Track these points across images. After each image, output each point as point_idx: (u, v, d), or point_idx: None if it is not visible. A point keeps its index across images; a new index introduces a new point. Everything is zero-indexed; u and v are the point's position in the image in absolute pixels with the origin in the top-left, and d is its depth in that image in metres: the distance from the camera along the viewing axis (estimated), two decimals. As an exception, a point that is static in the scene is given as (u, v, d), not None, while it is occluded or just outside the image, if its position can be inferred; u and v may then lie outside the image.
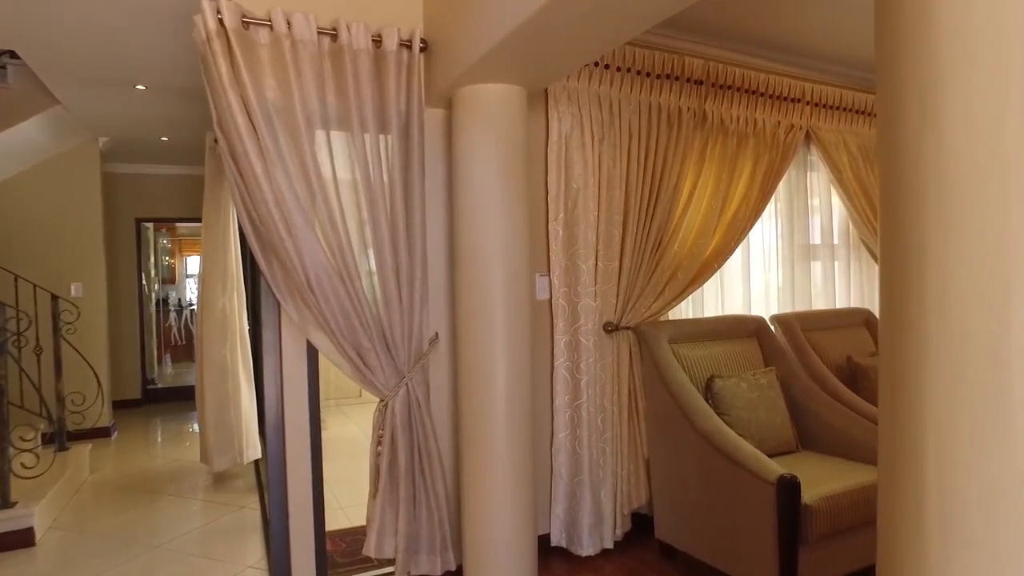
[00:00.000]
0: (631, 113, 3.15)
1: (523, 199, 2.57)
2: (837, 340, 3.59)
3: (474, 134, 2.51)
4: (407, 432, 2.55)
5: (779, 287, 3.85)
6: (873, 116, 4.02)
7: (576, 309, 3.06)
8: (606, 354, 3.11)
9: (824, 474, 2.64)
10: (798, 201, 3.91)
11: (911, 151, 1.01)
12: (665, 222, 3.24)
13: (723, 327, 3.30)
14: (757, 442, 2.84)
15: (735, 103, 3.47)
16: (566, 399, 3.05)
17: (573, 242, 3.04)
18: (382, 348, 2.51)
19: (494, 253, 2.51)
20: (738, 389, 2.93)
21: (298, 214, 2.35)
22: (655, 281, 3.21)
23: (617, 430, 3.12)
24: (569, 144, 3.01)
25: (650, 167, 3.18)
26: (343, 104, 2.47)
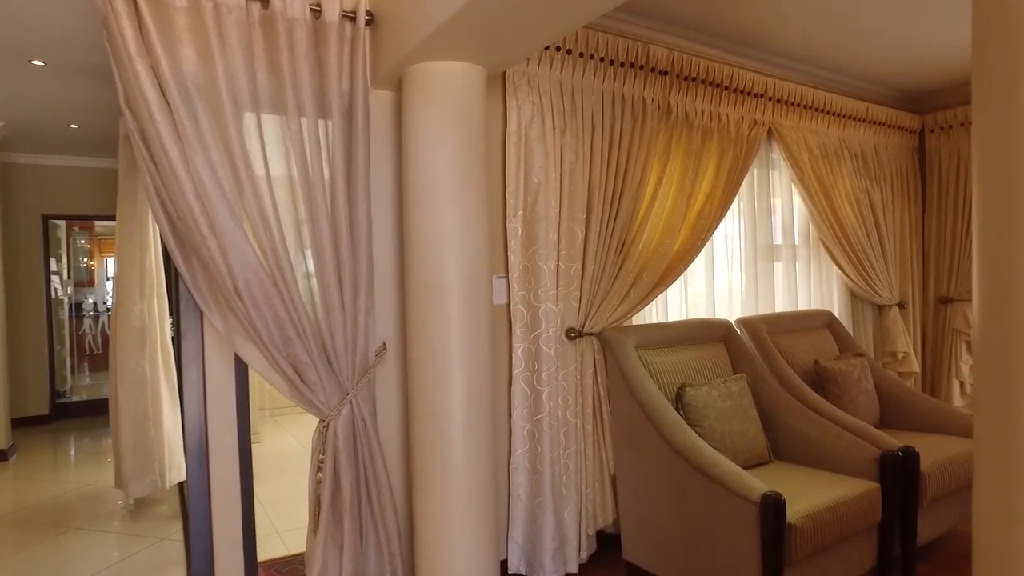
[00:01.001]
0: (594, 103, 2.93)
1: (482, 192, 2.31)
2: (803, 343, 3.47)
3: (427, 118, 2.23)
4: (352, 456, 2.25)
5: (743, 289, 3.72)
6: (833, 115, 3.95)
7: (536, 314, 2.82)
8: (568, 362, 2.89)
9: (802, 488, 2.48)
10: (760, 200, 3.79)
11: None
12: (630, 220, 3.04)
13: (691, 332, 3.12)
14: (731, 455, 2.67)
15: (700, 96, 3.31)
16: (525, 412, 2.80)
17: (533, 241, 2.81)
18: (322, 361, 2.20)
19: (450, 253, 2.24)
20: (710, 398, 2.75)
21: (223, 208, 2.02)
22: (620, 283, 3.00)
23: (581, 445, 2.90)
24: (529, 134, 2.77)
25: (614, 161, 2.98)
26: (276, 82, 2.15)
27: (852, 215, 4.03)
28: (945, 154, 4.52)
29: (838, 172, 3.99)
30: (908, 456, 2.60)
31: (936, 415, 3.25)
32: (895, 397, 3.40)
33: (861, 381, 3.28)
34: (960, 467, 2.91)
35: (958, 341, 4.43)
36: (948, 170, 4.52)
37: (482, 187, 2.32)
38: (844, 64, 3.90)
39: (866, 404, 3.25)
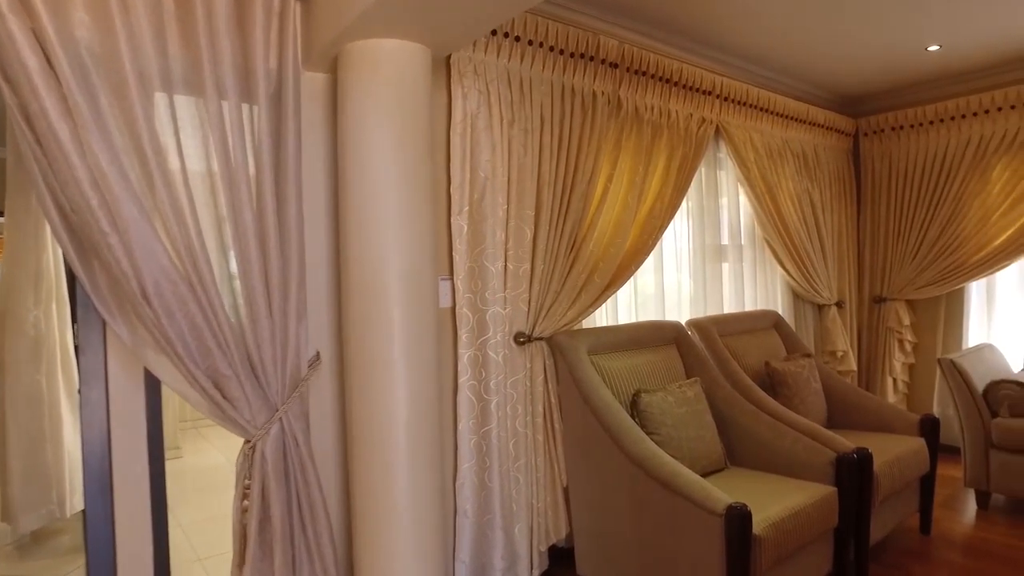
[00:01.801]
0: (543, 95, 2.78)
1: (426, 187, 2.12)
2: (752, 345, 3.43)
3: (366, 103, 2.02)
4: (282, 480, 2.01)
5: (691, 290, 3.65)
6: (777, 115, 3.95)
7: (483, 318, 2.64)
8: (517, 369, 2.72)
9: (762, 495, 2.40)
10: (708, 200, 3.74)
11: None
12: (580, 218, 2.90)
13: (643, 335, 3.01)
14: (688, 462, 2.57)
15: (650, 91, 3.21)
16: (471, 424, 2.62)
17: (480, 240, 2.63)
18: (247, 375, 1.95)
19: (392, 252, 2.03)
20: (666, 404, 2.64)
21: (128, 201, 1.74)
22: (570, 285, 2.86)
23: (531, 456, 2.74)
24: (475, 125, 2.58)
25: (563, 156, 2.83)
26: (192, 58, 1.89)
27: (795, 215, 4.05)
28: (878, 157, 4.62)
29: (782, 172, 3.99)
30: (863, 458, 2.57)
31: (881, 414, 3.26)
32: (842, 397, 3.40)
33: (810, 382, 3.26)
34: (907, 465, 2.91)
35: (891, 339, 4.53)
36: (881, 173, 4.62)
37: (426, 181, 2.12)
38: (786, 65, 3.90)
39: (815, 405, 3.23)
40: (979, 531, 3.24)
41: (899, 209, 4.51)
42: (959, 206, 4.22)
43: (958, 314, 4.39)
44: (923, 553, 3.01)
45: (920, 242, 4.40)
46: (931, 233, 4.33)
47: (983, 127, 4.15)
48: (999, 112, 4.08)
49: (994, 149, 4.11)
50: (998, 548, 3.05)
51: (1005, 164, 4.09)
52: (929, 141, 4.37)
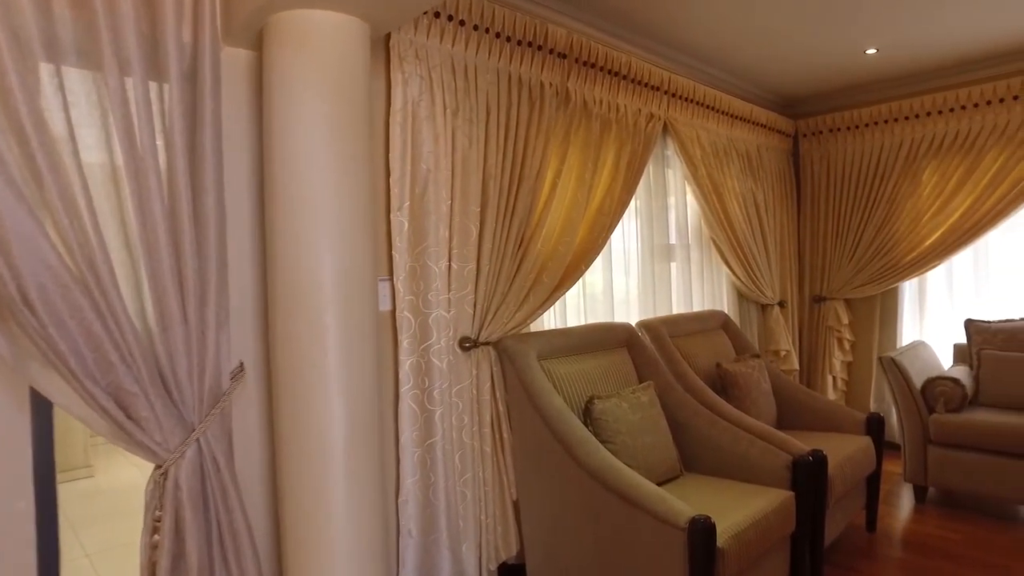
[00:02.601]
0: (489, 83, 2.62)
1: (364, 178, 1.91)
2: (702, 346, 3.37)
3: (297, 84, 1.80)
4: (200, 510, 1.76)
5: (639, 290, 3.56)
6: (722, 114, 3.92)
7: (426, 322, 2.45)
8: (463, 377, 2.54)
9: (721, 503, 2.31)
10: (656, 199, 3.66)
11: None
12: (528, 215, 2.75)
13: (593, 337, 2.89)
14: (645, 471, 2.45)
15: (598, 84, 3.10)
16: (414, 436, 2.42)
17: (422, 238, 2.43)
18: (157, 391, 1.69)
19: (326, 250, 1.82)
20: (620, 411, 2.52)
21: (3, 189, 1.47)
22: (518, 286, 2.70)
23: (479, 469, 2.56)
24: (417, 114, 2.39)
25: (510, 149, 2.68)
26: (85, 24, 1.63)
27: (741, 215, 4.03)
28: (817, 158, 4.69)
29: (727, 171, 3.96)
30: (818, 460, 2.52)
31: (829, 413, 3.25)
32: (790, 397, 3.38)
33: (760, 383, 3.22)
34: (857, 465, 2.90)
35: (831, 338, 4.59)
36: (819, 174, 4.68)
37: (364, 172, 1.92)
38: (731, 63, 3.87)
39: (765, 406, 3.19)
40: (919, 525, 3.28)
41: (837, 210, 4.58)
42: (893, 208, 4.31)
43: (893, 312, 4.49)
44: (871, 551, 3.00)
45: (857, 242, 4.48)
46: (867, 234, 4.41)
47: (914, 131, 4.25)
48: (928, 117, 4.19)
49: (923, 152, 4.22)
50: (938, 542, 3.09)
51: (934, 168, 4.20)
52: (864, 143, 4.45)
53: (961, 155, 4.08)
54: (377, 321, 1.98)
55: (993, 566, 2.85)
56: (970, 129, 4.06)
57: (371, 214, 1.94)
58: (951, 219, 4.09)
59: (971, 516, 3.39)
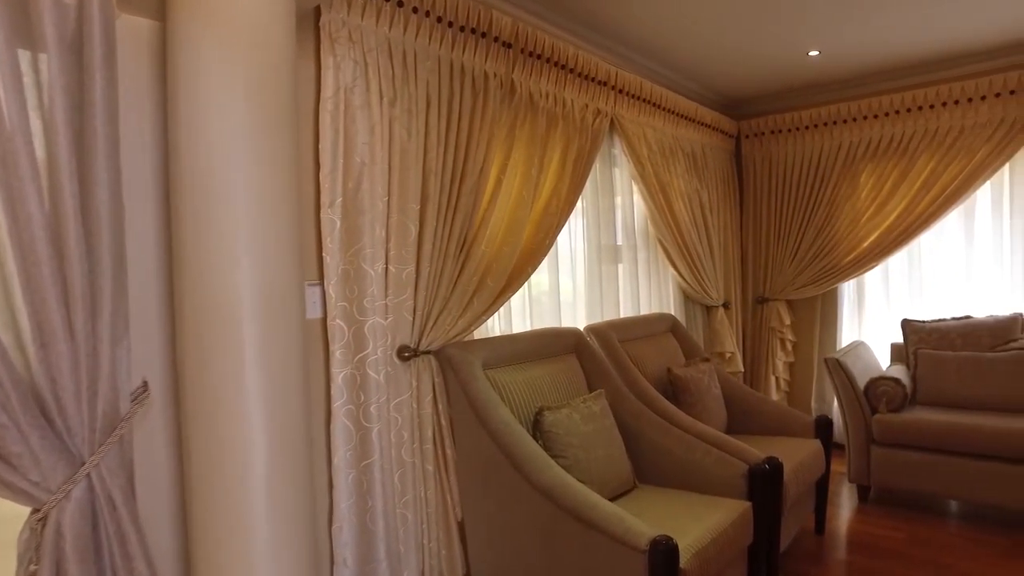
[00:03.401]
0: (429, 71, 2.42)
1: (289, 170, 1.69)
2: (652, 350, 3.26)
3: (208, 59, 1.55)
4: (90, 558, 1.49)
5: (587, 292, 3.43)
6: (668, 112, 3.84)
7: (361, 331, 2.23)
8: (402, 389, 2.34)
9: (679, 518, 2.19)
10: (604, 198, 3.54)
11: None
12: (471, 213, 2.57)
13: (542, 344, 2.73)
14: (599, 486, 2.31)
15: (544, 76, 2.94)
16: (349, 456, 2.20)
17: (356, 238, 2.21)
18: (33, 420, 1.42)
19: (244, 252, 1.58)
20: (571, 422, 2.36)
21: None
22: (461, 289, 2.52)
23: (420, 489, 2.36)
24: (350, 101, 2.17)
25: (452, 143, 2.49)
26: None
27: (687, 215, 3.96)
28: (759, 159, 4.69)
29: (674, 171, 3.89)
30: (774, 468, 2.44)
31: (778, 417, 3.20)
32: (740, 401, 3.32)
33: (711, 387, 3.14)
34: (809, 469, 2.85)
35: (774, 339, 4.60)
36: (761, 175, 4.69)
37: (290, 165, 1.69)
38: (677, 61, 3.80)
39: (716, 411, 3.11)
40: (865, 526, 3.28)
41: (779, 211, 4.59)
42: (832, 210, 4.35)
43: (832, 313, 4.54)
44: (822, 555, 2.96)
45: (798, 244, 4.50)
46: (808, 235, 4.44)
47: (852, 134, 4.30)
48: (865, 120, 4.25)
49: (861, 155, 4.27)
50: (885, 542, 3.08)
51: (871, 170, 4.26)
52: (805, 145, 4.48)
53: (896, 159, 4.15)
54: (305, 330, 1.76)
55: (940, 565, 2.85)
56: (903, 133, 4.13)
57: (297, 211, 1.72)
58: (888, 221, 4.15)
59: (912, 514, 3.41)
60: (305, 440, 1.72)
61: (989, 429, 3.16)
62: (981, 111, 3.89)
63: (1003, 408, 3.43)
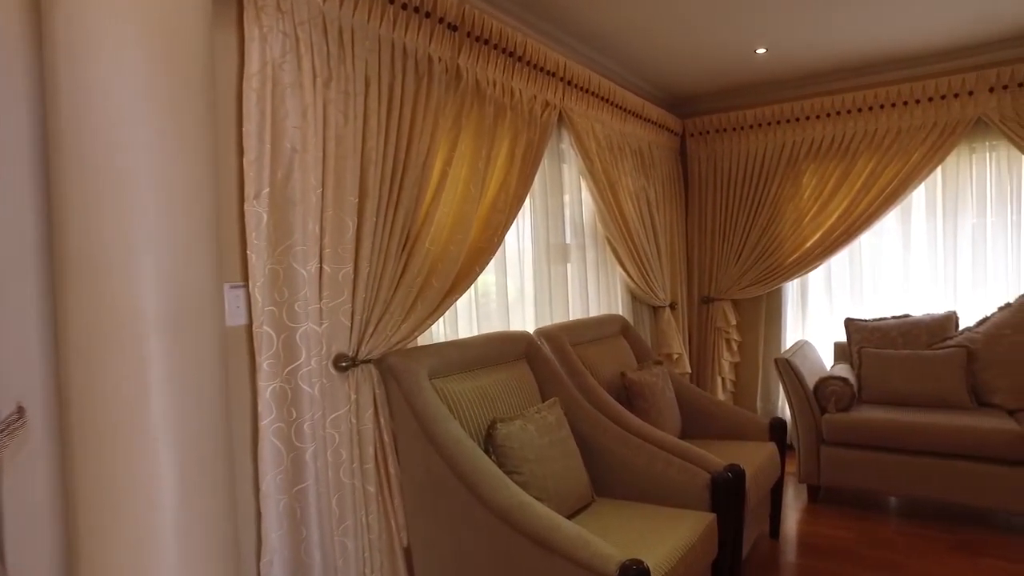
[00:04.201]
0: (368, 51, 2.19)
1: (205, 153, 1.43)
2: (604, 354, 3.12)
3: (100, 22, 1.29)
4: (-54, 628, 1.20)
5: (535, 293, 3.26)
6: (616, 107, 3.72)
7: (292, 339, 1.98)
8: (339, 403, 2.10)
9: (643, 535, 2.04)
10: (552, 195, 3.38)
11: None
12: (414, 208, 2.35)
13: (492, 349, 2.54)
14: (557, 503, 2.13)
15: (492, 64, 2.76)
16: (280, 481, 1.94)
17: (286, 234, 1.96)
18: None
19: (145, 251, 1.32)
20: (526, 435, 2.18)
21: None
22: (404, 291, 2.30)
23: (362, 514, 2.13)
24: (280, 79, 1.92)
25: (394, 130, 2.27)
26: None
27: (635, 213, 3.86)
28: (704, 158, 4.65)
29: (622, 168, 3.78)
30: (737, 476, 2.33)
31: (733, 420, 3.13)
32: (693, 404, 3.23)
33: (665, 391, 3.03)
34: (767, 474, 2.78)
35: (720, 339, 4.56)
36: (706, 174, 4.65)
37: (205, 148, 1.44)
38: (625, 56, 3.70)
39: (671, 416, 3.00)
40: (818, 527, 3.25)
41: (724, 211, 4.57)
42: (776, 209, 4.35)
43: (777, 313, 4.55)
44: (780, 561, 2.90)
45: (743, 243, 4.48)
46: (753, 235, 4.42)
47: (795, 134, 4.32)
48: (808, 121, 4.26)
49: (804, 155, 4.29)
50: (838, 543, 3.06)
51: (813, 171, 4.28)
52: (749, 145, 4.46)
53: (837, 159, 4.18)
54: (224, 339, 1.50)
55: (892, 564, 2.83)
56: (844, 134, 4.17)
57: (213, 203, 1.46)
58: (830, 220, 4.18)
59: (861, 513, 3.41)
60: (226, 469, 1.47)
61: (931, 426, 3.18)
62: (916, 114, 3.96)
63: (943, 404, 3.48)
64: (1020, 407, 3.44)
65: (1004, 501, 3.09)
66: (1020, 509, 3.06)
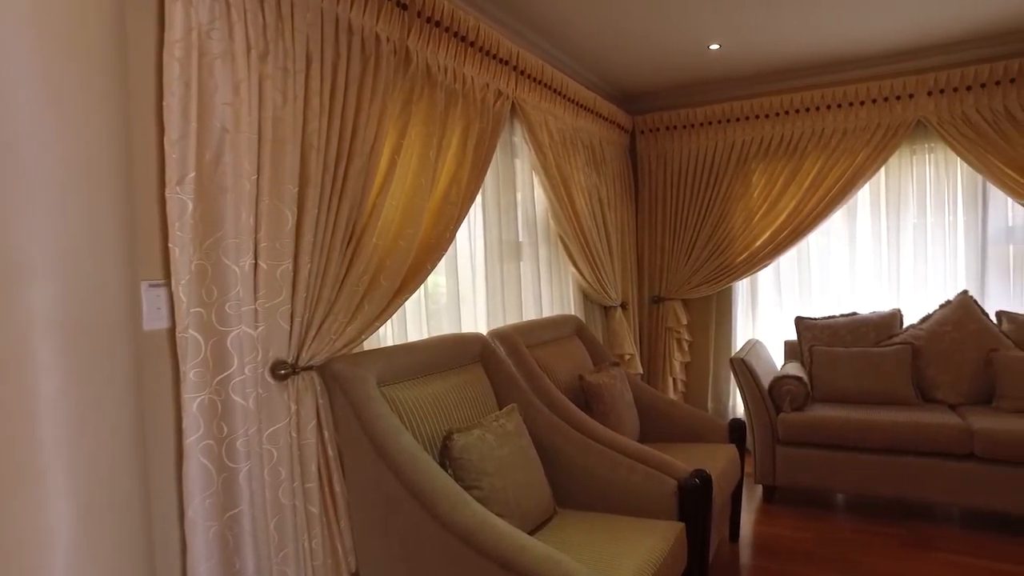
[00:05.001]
0: (310, 25, 1.98)
1: (113, 127, 1.21)
2: (560, 356, 2.99)
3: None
4: None
5: (487, 293, 3.10)
6: (569, 101, 3.60)
7: (222, 344, 1.75)
8: (278, 415, 1.88)
9: (612, 551, 1.90)
10: (505, 191, 3.23)
11: None
12: (360, 200, 2.15)
13: (444, 353, 2.37)
14: (518, 518, 1.98)
15: (444, 48, 2.58)
16: (208, 506, 1.71)
17: (215, 225, 1.74)
18: None
19: (30, 241, 1.09)
20: (485, 445, 2.02)
21: None
22: (349, 290, 2.10)
23: (303, 539, 1.91)
24: (207, 49, 1.69)
25: (338, 114, 2.06)
26: None
27: (587, 211, 3.75)
28: (654, 156, 4.60)
29: (574, 163, 3.66)
30: (705, 482, 2.23)
31: (691, 422, 3.05)
32: (651, 407, 3.14)
33: (623, 394, 2.92)
34: (730, 478, 2.70)
35: (670, 339, 4.52)
36: (656, 172, 4.60)
37: (113, 123, 1.21)
38: (575, 48, 3.58)
39: (630, 419, 2.89)
40: (775, 528, 3.21)
41: (674, 210, 4.52)
42: (726, 208, 4.33)
43: (727, 312, 4.53)
44: (740, 565, 2.83)
45: (693, 243, 4.45)
46: (703, 234, 4.40)
47: (744, 133, 4.31)
48: (757, 120, 4.26)
49: (753, 154, 4.29)
50: (796, 544, 3.03)
51: (762, 170, 4.29)
52: (699, 143, 4.43)
53: (786, 159, 4.20)
54: (137, 348, 1.28)
55: (849, 562, 2.81)
56: (793, 134, 4.19)
57: (126, 187, 1.24)
58: (779, 220, 4.19)
59: (816, 512, 3.40)
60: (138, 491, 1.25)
61: (886, 424, 3.20)
62: (861, 116, 4.01)
63: (890, 401, 3.51)
64: (960, 402, 3.51)
65: (952, 495, 3.13)
66: (967, 502, 3.11)
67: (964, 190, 3.98)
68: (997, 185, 3.70)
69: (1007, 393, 3.31)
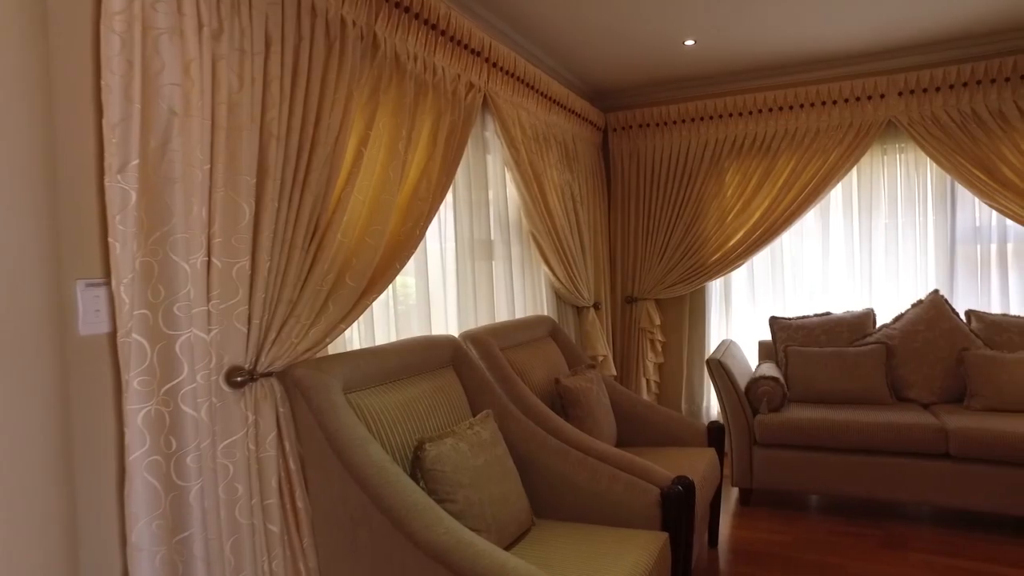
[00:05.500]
0: (269, 4, 1.83)
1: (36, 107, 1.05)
2: (535, 359, 2.87)
3: None
4: None
5: (458, 293, 2.97)
6: (542, 95, 3.49)
7: (171, 349, 1.59)
8: (234, 427, 1.73)
9: (598, 564, 1.80)
10: (477, 188, 3.10)
11: None
12: (324, 193, 2.01)
13: (414, 356, 2.23)
14: (496, 533, 1.86)
15: (413, 35, 2.45)
16: (155, 529, 1.55)
17: (162, 218, 1.57)
18: None
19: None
20: (459, 455, 1.89)
21: None
22: (312, 290, 1.95)
23: (263, 561, 1.76)
24: (152, 22, 1.53)
25: (300, 100, 1.92)
26: None
27: (560, 208, 3.65)
28: (627, 154, 4.53)
29: (547, 160, 3.55)
30: (688, 489, 2.14)
31: (670, 425, 2.97)
32: (628, 410, 3.05)
33: (600, 398, 2.82)
34: (710, 482, 2.62)
35: (644, 340, 4.45)
36: (629, 171, 4.53)
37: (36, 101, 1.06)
38: (548, 43, 3.48)
39: (607, 424, 2.80)
40: (753, 532, 3.15)
41: (647, 209, 4.45)
42: (700, 208, 4.28)
43: (701, 313, 4.48)
44: (719, 571, 2.75)
45: (667, 242, 4.39)
46: (676, 233, 4.34)
47: (718, 131, 4.26)
48: (731, 118, 4.22)
49: (727, 153, 4.25)
50: (775, 547, 2.97)
51: (736, 169, 4.25)
52: (672, 141, 4.37)
53: (759, 158, 4.16)
54: (64, 356, 1.12)
55: (828, 565, 2.76)
56: (766, 132, 4.16)
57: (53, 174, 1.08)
58: (752, 219, 4.15)
59: (793, 514, 3.36)
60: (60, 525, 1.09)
61: (863, 424, 3.17)
62: (834, 115, 4.00)
63: (865, 400, 3.49)
64: (933, 400, 3.51)
65: (927, 494, 3.11)
66: (941, 502, 3.09)
67: (934, 190, 4.00)
68: (965, 185, 3.72)
69: (978, 392, 3.31)
